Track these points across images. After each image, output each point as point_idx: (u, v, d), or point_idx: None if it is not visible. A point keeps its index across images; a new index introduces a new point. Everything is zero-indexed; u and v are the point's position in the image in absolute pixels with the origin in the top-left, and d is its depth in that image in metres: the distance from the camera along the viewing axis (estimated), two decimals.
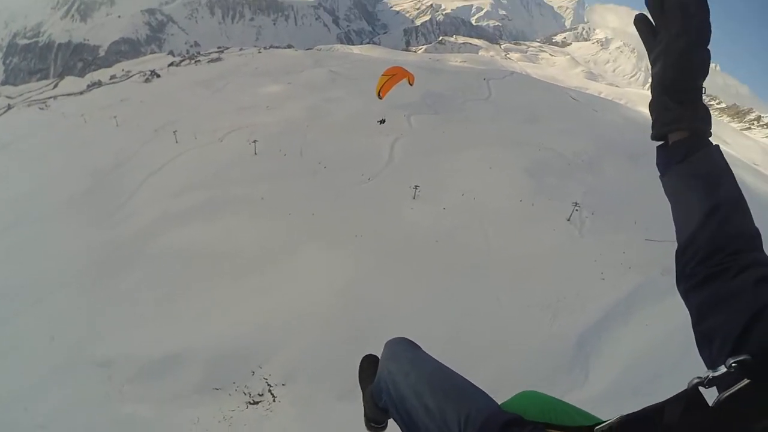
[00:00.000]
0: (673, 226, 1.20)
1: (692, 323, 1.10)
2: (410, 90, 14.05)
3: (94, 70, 70.48)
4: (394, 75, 12.02)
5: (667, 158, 1.20)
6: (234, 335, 8.69)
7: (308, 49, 57.84)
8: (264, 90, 27.72)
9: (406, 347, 1.82)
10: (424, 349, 1.93)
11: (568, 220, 12.35)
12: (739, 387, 0.83)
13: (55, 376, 8.19)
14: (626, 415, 1.00)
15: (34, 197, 15.30)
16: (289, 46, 66.35)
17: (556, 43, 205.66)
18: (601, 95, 51.52)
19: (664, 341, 8.21)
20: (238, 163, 16.29)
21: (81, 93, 45.00)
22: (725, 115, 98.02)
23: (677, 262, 1.16)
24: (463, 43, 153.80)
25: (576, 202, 12.50)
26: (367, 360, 2.58)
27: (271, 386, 7.66)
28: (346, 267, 10.49)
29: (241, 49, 59.77)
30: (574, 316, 9.18)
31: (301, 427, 7.21)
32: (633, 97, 60.26)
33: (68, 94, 45.42)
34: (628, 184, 14.25)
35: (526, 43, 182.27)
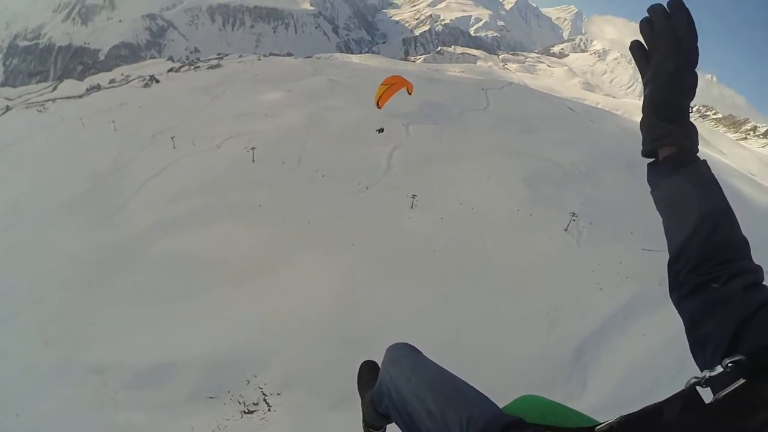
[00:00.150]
0: (665, 235, 1.26)
1: (686, 330, 1.14)
2: (409, 99, 14.11)
3: (94, 74, 70.60)
4: (393, 84, 12.05)
5: (657, 173, 1.27)
6: (230, 343, 8.63)
7: (308, 58, 58.16)
8: (263, 97, 27.78)
9: (408, 352, 1.84)
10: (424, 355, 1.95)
11: (566, 230, 12.37)
12: (735, 387, 0.87)
13: (49, 381, 8.12)
14: (626, 415, 1.02)
15: (34, 199, 15.28)
16: (289, 54, 66.67)
17: (553, 54, 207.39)
18: (599, 106, 51.91)
19: (662, 351, 8.21)
20: (236, 170, 16.30)
21: (80, 96, 45.07)
22: (721, 126, 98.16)
23: (669, 272, 1.21)
24: (462, 54, 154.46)
25: (573, 213, 12.53)
26: (366, 366, 2.58)
27: (266, 395, 7.58)
28: (343, 275, 10.46)
29: (241, 56, 60.00)
30: (572, 325, 9.18)
31: None
32: (630, 108, 60.79)
33: (67, 98, 45.42)
34: (625, 195, 14.27)
35: (524, 53, 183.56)
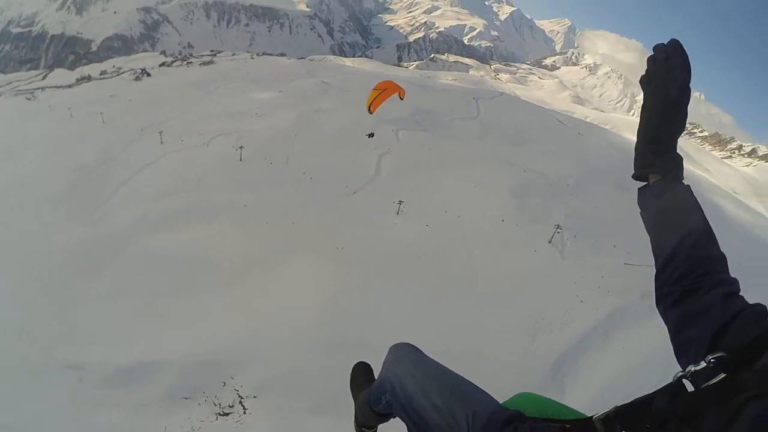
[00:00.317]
0: (652, 251, 1.38)
1: (671, 337, 1.25)
2: (400, 105, 14.13)
3: (85, 65, 69.70)
4: (386, 89, 12.05)
5: (647, 196, 1.41)
6: (208, 344, 8.54)
7: (301, 59, 58.01)
8: (254, 96, 27.66)
9: (410, 351, 1.96)
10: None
11: (550, 242, 12.46)
12: (717, 379, 0.98)
13: (24, 376, 7.96)
14: (620, 406, 1.13)
15: (17, 191, 14.98)
16: (282, 54, 66.46)
17: (545, 67, 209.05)
18: (587, 119, 52.43)
19: (642, 365, 8.27)
20: (223, 169, 16.19)
21: (69, 86, 44.49)
22: (707, 144, 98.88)
23: (656, 285, 1.33)
24: (455, 62, 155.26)
25: (558, 225, 12.63)
26: (360, 367, 2.62)
27: (242, 398, 7.51)
28: (327, 279, 10.43)
29: (234, 54, 59.74)
30: (553, 336, 9.24)
31: None
32: (618, 123, 61.53)
33: (57, 87, 44.89)
34: (610, 209, 14.41)
35: (516, 64, 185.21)
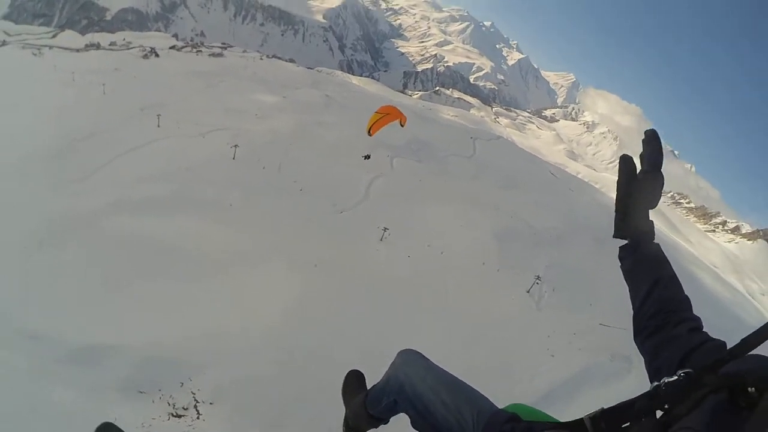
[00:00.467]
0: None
1: (646, 365, 1.56)
2: (398, 132, 14.25)
3: (97, 32, 69.23)
4: (388, 114, 12.13)
5: (625, 251, 1.72)
6: (169, 339, 8.24)
7: (309, 68, 58.34)
8: (257, 97, 27.65)
9: (419, 356, 2.21)
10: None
11: (528, 292, 12.49)
12: (685, 380, 1.26)
13: None
14: (606, 408, 1.37)
15: (5, 141, 14.54)
16: (291, 60, 66.63)
17: (544, 117, 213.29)
18: (579, 175, 53.51)
19: None
20: (215, 164, 16.02)
21: (77, 50, 44.11)
22: (692, 215, 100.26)
23: (634, 321, 1.65)
24: (458, 98, 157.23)
25: (538, 276, 12.70)
26: (353, 375, 2.92)
27: (198, 402, 7.22)
28: (299, 294, 10.24)
29: (245, 51, 59.94)
30: (523, 386, 9.14)
31: None
32: (608, 183, 62.74)
33: (65, 48, 44.48)
34: (591, 266, 14.55)
35: (516, 110, 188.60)
